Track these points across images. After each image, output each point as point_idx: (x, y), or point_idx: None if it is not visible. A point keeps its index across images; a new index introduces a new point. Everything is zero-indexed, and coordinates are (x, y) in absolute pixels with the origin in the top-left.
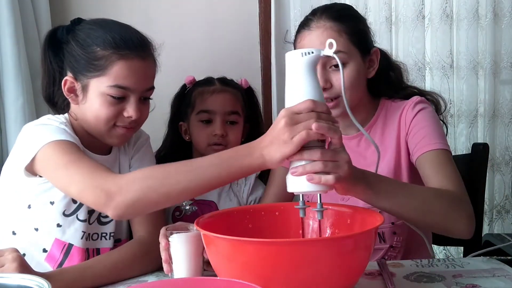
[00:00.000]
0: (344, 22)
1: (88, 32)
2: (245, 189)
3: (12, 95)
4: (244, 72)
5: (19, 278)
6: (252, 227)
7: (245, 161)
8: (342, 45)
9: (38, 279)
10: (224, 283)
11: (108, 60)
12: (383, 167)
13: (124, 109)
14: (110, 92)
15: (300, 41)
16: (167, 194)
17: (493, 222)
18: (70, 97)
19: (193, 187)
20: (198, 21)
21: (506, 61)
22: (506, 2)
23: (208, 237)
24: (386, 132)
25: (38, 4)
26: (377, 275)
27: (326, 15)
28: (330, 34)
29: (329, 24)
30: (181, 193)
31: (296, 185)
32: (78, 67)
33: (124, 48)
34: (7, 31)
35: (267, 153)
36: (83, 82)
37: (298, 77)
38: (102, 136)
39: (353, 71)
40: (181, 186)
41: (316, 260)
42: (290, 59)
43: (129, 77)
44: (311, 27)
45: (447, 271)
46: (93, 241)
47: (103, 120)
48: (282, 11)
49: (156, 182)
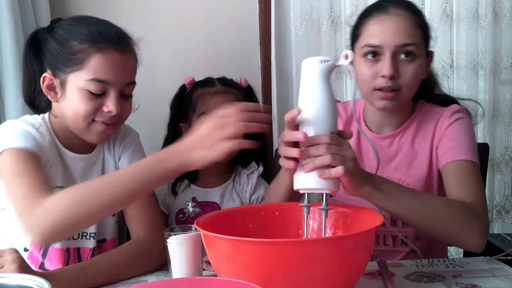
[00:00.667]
0: (418, 16)
1: (66, 28)
2: (248, 189)
3: (12, 95)
4: (244, 72)
5: (19, 278)
6: (252, 227)
7: (167, 165)
8: (416, 38)
9: (38, 279)
10: (224, 283)
11: (85, 53)
12: (415, 171)
13: (103, 104)
14: (88, 87)
15: (374, 24)
16: (89, 213)
17: (493, 222)
18: (49, 94)
19: (115, 202)
20: (198, 21)
21: (506, 61)
22: (506, 2)
23: (208, 237)
24: (419, 136)
25: (38, 4)
26: (377, 275)
27: (403, 4)
28: (408, 24)
29: (407, 14)
30: (104, 210)
31: (304, 182)
32: (56, 63)
33: (101, 41)
34: (7, 31)
35: (190, 157)
36: (61, 78)
37: (312, 83)
38: (81, 133)
39: (419, 67)
40: (103, 203)
41: (316, 260)
42: (308, 65)
43: (107, 70)
44: (389, 12)
45: (447, 271)
46: (73, 240)
47: (82, 116)
48: (282, 11)
49: (78, 203)
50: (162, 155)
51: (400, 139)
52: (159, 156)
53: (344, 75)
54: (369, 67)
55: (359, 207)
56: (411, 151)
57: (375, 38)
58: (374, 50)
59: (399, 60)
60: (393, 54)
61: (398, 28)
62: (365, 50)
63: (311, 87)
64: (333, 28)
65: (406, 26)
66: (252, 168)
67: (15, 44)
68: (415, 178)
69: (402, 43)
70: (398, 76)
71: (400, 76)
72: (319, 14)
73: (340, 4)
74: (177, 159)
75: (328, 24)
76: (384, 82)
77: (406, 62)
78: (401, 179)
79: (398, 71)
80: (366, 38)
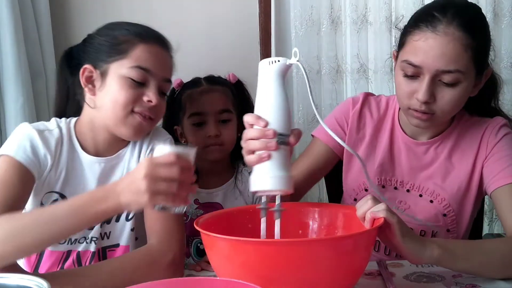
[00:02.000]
0: (474, 36)
1: (110, 26)
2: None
3: (12, 95)
4: (244, 72)
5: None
6: (252, 227)
7: (101, 207)
8: (463, 64)
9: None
10: (224, 283)
11: (130, 43)
12: (451, 185)
13: (143, 93)
14: (130, 74)
15: (419, 40)
16: (18, 247)
17: (493, 222)
18: (86, 86)
19: (46, 239)
20: (198, 21)
21: (506, 61)
22: (506, 2)
23: (208, 237)
24: (458, 148)
25: (38, 4)
26: (377, 275)
27: (458, 21)
28: (457, 47)
29: (458, 35)
30: (34, 246)
31: (259, 184)
32: (99, 55)
33: (146, 36)
34: (7, 31)
35: (123, 199)
36: (102, 68)
37: (265, 85)
38: (118, 125)
39: (462, 92)
40: (33, 239)
41: (316, 260)
42: (260, 67)
43: (150, 60)
44: (437, 30)
45: (447, 271)
46: (70, 244)
47: (121, 104)
48: (282, 11)
49: (7, 236)
50: (98, 193)
51: (437, 148)
52: (95, 195)
53: (344, 75)
54: (406, 84)
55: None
56: (447, 162)
57: (416, 57)
58: (413, 69)
59: (439, 83)
60: (432, 77)
61: (442, 51)
62: (405, 65)
63: (262, 88)
64: (333, 28)
65: (453, 49)
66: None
67: (15, 44)
68: (450, 192)
69: (444, 69)
70: (434, 101)
71: (436, 101)
72: (319, 14)
73: (340, 4)
74: (111, 201)
75: (328, 24)
76: (418, 105)
77: (446, 86)
78: (435, 191)
79: (434, 95)
80: (408, 53)
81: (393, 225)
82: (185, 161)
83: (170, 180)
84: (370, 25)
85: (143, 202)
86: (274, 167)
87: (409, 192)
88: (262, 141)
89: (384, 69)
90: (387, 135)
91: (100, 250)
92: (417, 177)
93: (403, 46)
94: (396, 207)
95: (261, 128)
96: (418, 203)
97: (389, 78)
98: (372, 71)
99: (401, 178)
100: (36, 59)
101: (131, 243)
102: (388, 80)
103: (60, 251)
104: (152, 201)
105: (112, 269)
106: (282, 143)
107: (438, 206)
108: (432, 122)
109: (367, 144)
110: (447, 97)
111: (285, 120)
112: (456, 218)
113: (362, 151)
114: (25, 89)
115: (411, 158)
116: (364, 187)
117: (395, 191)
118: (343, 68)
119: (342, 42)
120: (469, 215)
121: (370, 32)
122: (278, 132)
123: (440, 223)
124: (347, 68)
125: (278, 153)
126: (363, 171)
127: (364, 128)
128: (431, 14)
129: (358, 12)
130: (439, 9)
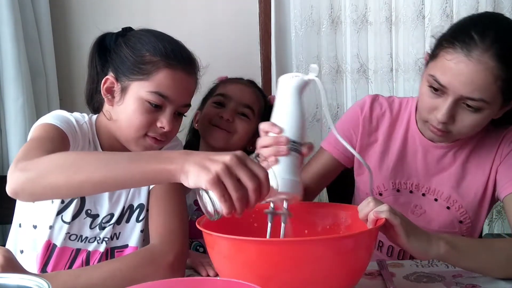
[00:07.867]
0: (508, 68)
1: (140, 37)
2: None
3: (12, 95)
4: (244, 72)
5: (19, 278)
6: (257, 226)
7: (161, 166)
8: (490, 94)
9: (38, 279)
10: (224, 283)
11: (155, 66)
12: (467, 191)
13: (157, 119)
14: (149, 98)
15: (451, 60)
16: (69, 181)
17: (493, 222)
18: (106, 96)
19: (97, 180)
20: (198, 21)
21: None
22: (506, 2)
23: (209, 237)
24: (476, 154)
25: (38, 4)
26: (377, 275)
27: (495, 49)
28: (487, 77)
29: (491, 65)
30: (84, 183)
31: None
32: (123, 68)
33: (173, 58)
34: (7, 31)
35: (187, 167)
36: (123, 83)
37: (282, 97)
38: (128, 143)
39: (484, 117)
40: (86, 176)
41: (317, 260)
42: (280, 80)
43: (171, 87)
44: (471, 56)
45: (447, 271)
46: (81, 242)
47: (135, 127)
48: (282, 11)
49: (61, 166)
50: (164, 154)
51: (456, 152)
52: (161, 154)
53: (344, 75)
54: (429, 97)
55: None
56: (463, 168)
57: (444, 77)
58: (439, 86)
59: (462, 105)
60: (456, 100)
61: (472, 79)
62: (432, 80)
63: (280, 100)
64: (333, 28)
65: (483, 79)
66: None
67: (15, 44)
68: (467, 200)
69: (468, 96)
70: (452, 123)
71: (455, 122)
72: (319, 14)
73: (340, 4)
74: (175, 164)
75: (328, 24)
76: (435, 122)
77: (468, 110)
78: (451, 196)
79: (454, 117)
80: (437, 69)
81: (396, 226)
82: (266, 188)
83: (240, 185)
84: (370, 25)
85: (202, 179)
86: (284, 171)
87: (424, 196)
88: (275, 147)
89: (384, 69)
90: (401, 137)
91: (109, 250)
92: (433, 180)
93: (435, 59)
94: (412, 211)
95: (275, 135)
96: (433, 208)
97: (389, 78)
98: (372, 71)
99: (416, 181)
100: (36, 59)
101: (139, 244)
102: (388, 80)
103: (70, 248)
104: (210, 184)
105: (113, 269)
106: (295, 150)
107: (455, 213)
108: (447, 139)
109: (381, 146)
110: (467, 121)
111: (299, 128)
112: (472, 225)
113: (376, 154)
114: (25, 89)
115: (428, 161)
116: (378, 191)
117: (411, 195)
118: (343, 68)
119: (342, 42)
120: (483, 222)
121: (370, 32)
122: (291, 139)
123: (456, 230)
124: (347, 68)
125: (289, 159)
126: (369, 182)
127: (377, 131)
128: (470, 35)
129: (358, 12)
130: (479, 32)
